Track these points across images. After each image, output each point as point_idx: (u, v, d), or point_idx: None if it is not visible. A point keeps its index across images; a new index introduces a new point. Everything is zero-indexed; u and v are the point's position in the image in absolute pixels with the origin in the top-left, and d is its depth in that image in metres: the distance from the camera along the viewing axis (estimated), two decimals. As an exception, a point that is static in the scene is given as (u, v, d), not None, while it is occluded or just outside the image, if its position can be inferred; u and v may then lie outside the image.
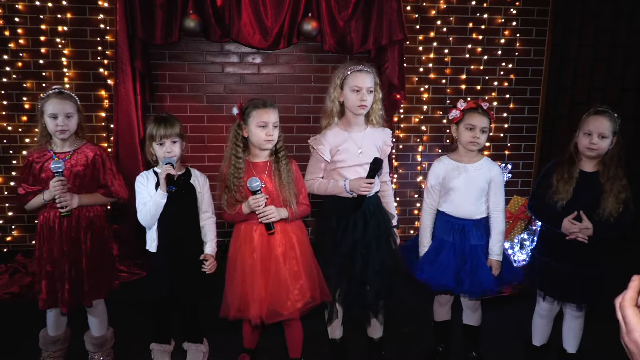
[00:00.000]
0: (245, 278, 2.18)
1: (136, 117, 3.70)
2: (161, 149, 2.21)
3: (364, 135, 2.34)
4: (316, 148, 2.35)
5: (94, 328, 2.49)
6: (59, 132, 2.23)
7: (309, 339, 2.72)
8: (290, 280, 2.17)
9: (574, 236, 2.21)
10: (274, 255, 2.18)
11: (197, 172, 2.36)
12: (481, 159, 2.39)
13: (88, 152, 2.33)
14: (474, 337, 2.57)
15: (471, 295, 2.41)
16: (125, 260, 3.74)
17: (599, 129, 2.20)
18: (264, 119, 2.15)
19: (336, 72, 2.34)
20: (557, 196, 2.26)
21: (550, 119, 4.42)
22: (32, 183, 2.27)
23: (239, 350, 2.54)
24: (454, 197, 2.36)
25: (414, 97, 4.24)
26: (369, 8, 3.84)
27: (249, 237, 2.21)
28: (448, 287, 2.34)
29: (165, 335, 2.45)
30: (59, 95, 2.25)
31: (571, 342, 2.46)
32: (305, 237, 2.31)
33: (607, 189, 2.19)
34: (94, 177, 2.34)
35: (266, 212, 2.11)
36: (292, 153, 4.15)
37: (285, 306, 2.15)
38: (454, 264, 2.32)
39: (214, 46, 4.00)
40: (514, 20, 4.21)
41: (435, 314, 2.62)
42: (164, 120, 2.22)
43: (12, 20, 3.75)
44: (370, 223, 2.32)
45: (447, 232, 2.38)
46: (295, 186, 2.25)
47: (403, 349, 2.73)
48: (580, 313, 2.39)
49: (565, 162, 2.31)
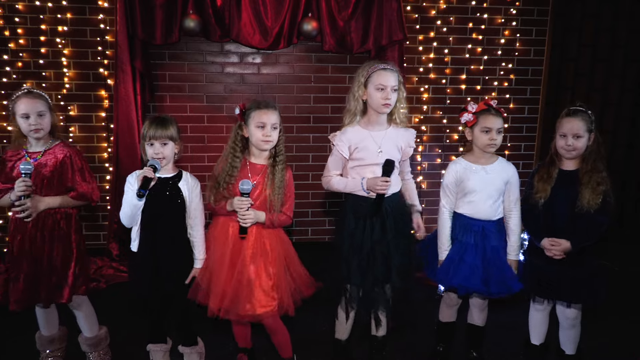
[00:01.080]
0: (213, 267, 2.23)
1: (136, 117, 3.70)
2: (150, 149, 2.18)
3: (385, 134, 2.33)
4: (335, 144, 2.33)
5: (84, 329, 2.48)
6: (32, 131, 2.20)
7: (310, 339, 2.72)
8: (255, 284, 2.18)
9: (550, 254, 2.29)
10: (242, 254, 2.20)
11: (190, 175, 2.31)
12: (496, 159, 2.39)
13: (58, 154, 2.27)
14: (477, 337, 2.57)
15: (500, 295, 2.37)
16: (125, 260, 3.74)
17: (573, 130, 2.24)
18: (262, 120, 2.16)
19: (360, 70, 2.32)
20: (536, 195, 2.33)
21: (550, 119, 4.42)
22: (4, 181, 2.24)
23: (236, 350, 2.54)
24: (473, 198, 2.35)
25: (414, 97, 4.23)
26: (369, 8, 3.84)
27: (225, 230, 2.25)
28: (477, 291, 2.32)
29: (159, 335, 2.44)
30: (29, 94, 2.22)
31: (569, 346, 2.47)
32: (279, 244, 2.30)
33: (585, 182, 2.24)
34: (61, 179, 2.28)
35: (245, 216, 2.13)
36: (292, 153, 4.16)
37: (244, 307, 2.16)
38: (481, 267, 2.31)
39: (214, 46, 4.00)
40: (514, 20, 4.21)
41: (441, 314, 2.62)
42: (158, 121, 2.19)
43: (12, 20, 3.75)
44: (388, 223, 2.30)
45: (467, 235, 2.36)
46: (284, 194, 2.25)
47: (404, 349, 2.73)
48: (575, 322, 2.40)
49: (546, 163, 2.38)
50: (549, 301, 2.44)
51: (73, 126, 3.94)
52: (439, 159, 4.37)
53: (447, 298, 2.56)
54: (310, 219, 4.32)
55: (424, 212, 4.41)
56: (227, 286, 2.18)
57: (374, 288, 2.32)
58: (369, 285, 2.32)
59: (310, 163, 4.16)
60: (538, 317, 2.51)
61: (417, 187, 4.34)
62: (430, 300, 2.64)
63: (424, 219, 4.40)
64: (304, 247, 3.65)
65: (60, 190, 2.28)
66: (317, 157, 4.14)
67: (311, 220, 4.32)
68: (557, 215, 2.29)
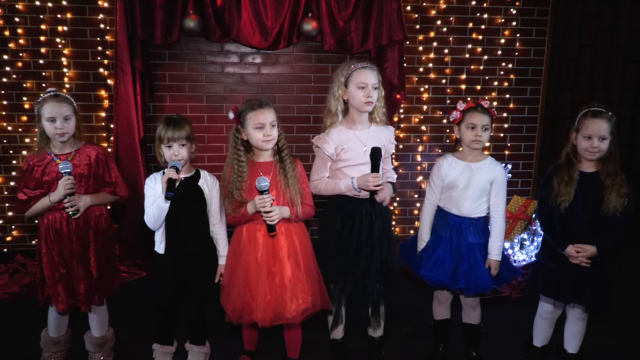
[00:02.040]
0: (249, 280, 2.15)
1: (136, 117, 3.70)
2: (169, 151, 2.19)
3: (368, 133, 2.34)
4: (321, 146, 2.33)
5: (95, 328, 2.49)
6: (58, 135, 2.21)
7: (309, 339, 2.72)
8: (293, 283, 2.15)
9: (577, 261, 2.24)
10: (278, 257, 2.16)
11: (207, 174, 2.33)
12: (485, 158, 2.41)
13: (90, 152, 2.32)
14: (474, 336, 2.57)
15: (467, 293, 2.42)
16: (125, 260, 3.74)
17: (599, 132, 2.19)
18: (260, 120, 2.14)
19: (339, 70, 2.33)
20: (559, 198, 2.26)
21: (550, 119, 4.42)
22: (34, 188, 2.24)
23: (239, 351, 2.54)
24: (455, 194, 2.37)
25: (414, 97, 4.24)
26: (369, 8, 3.84)
27: (253, 239, 2.18)
28: (443, 283, 2.36)
29: (168, 337, 2.44)
30: (56, 98, 2.23)
31: (573, 343, 2.46)
32: (307, 240, 2.28)
33: (609, 185, 2.20)
34: (97, 177, 2.33)
35: (271, 213, 2.09)
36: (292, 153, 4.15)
37: (289, 309, 2.12)
38: (450, 261, 2.34)
39: (214, 46, 4.00)
40: (514, 20, 4.21)
41: (435, 312, 2.62)
42: (173, 122, 2.19)
43: (12, 20, 3.75)
44: (376, 224, 2.31)
45: (444, 229, 2.40)
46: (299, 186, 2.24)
47: (403, 348, 2.73)
48: (584, 315, 2.39)
49: (564, 164, 2.31)
50: (567, 305, 2.41)
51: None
52: (438, 159, 4.37)
53: (438, 294, 2.58)
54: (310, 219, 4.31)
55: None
56: (270, 294, 2.12)
57: (356, 287, 2.33)
58: (352, 284, 2.33)
59: (310, 163, 4.11)
60: (543, 324, 2.50)
61: (417, 187, 4.37)
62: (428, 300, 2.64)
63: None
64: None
65: (97, 188, 2.33)
66: (317, 157, 4.13)
67: (311, 220, 4.31)
68: (576, 218, 2.25)
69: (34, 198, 2.24)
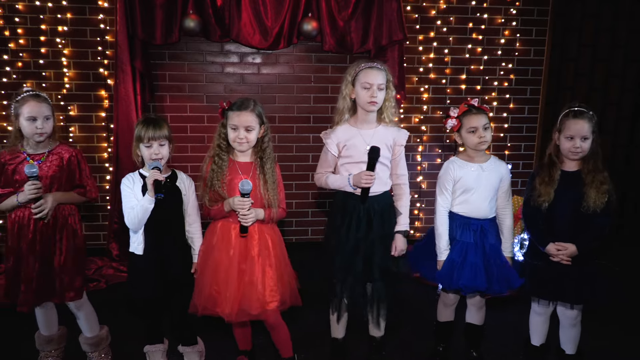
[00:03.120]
0: (218, 275, 2.18)
1: (136, 117, 3.70)
2: (148, 151, 2.18)
3: (374, 132, 2.34)
4: (324, 142, 2.38)
5: (85, 329, 2.48)
6: (37, 134, 2.20)
7: (310, 339, 2.72)
8: (261, 281, 2.18)
9: (557, 259, 2.27)
10: (250, 255, 2.19)
11: (184, 174, 2.35)
12: (490, 157, 2.41)
13: (63, 153, 2.30)
14: (475, 336, 2.57)
15: (500, 293, 2.38)
16: (125, 260, 3.74)
17: (581, 133, 2.20)
18: (234, 122, 2.16)
19: (348, 69, 2.34)
20: (540, 199, 2.29)
21: (550, 119, 4.42)
22: (4, 185, 2.24)
23: (235, 352, 2.53)
24: (471, 197, 2.35)
25: (414, 97, 4.24)
26: (369, 8, 3.84)
27: (227, 235, 2.21)
28: (482, 289, 2.32)
29: (157, 336, 2.44)
30: (37, 97, 2.22)
31: (569, 346, 2.46)
32: (278, 240, 2.31)
33: (589, 182, 2.22)
34: (69, 178, 2.32)
35: (247, 216, 2.12)
36: (292, 153, 4.16)
37: (253, 306, 2.15)
38: (481, 265, 2.31)
39: (214, 46, 4.00)
40: (514, 20, 4.21)
41: (439, 314, 2.61)
42: (152, 122, 2.19)
43: (12, 20, 3.75)
44: (374, 222, 2.31)
45: (467, 234, 2.36)
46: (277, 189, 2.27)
47: (403, 348, 2.73)
48: (576, 321, 2.39)
49: (546, 165, 2.34)
50: (551, 303, 2.43)
51: (73, 126, 3.94)
52: (439, 159, 4.37)
53: (445, 298, 2.56)
54: (310, 219, 4.32)
55: (424, 211, 4.42)
56: (237, 290, 2.16)
57: (356, 286, 2.34)
58: (351, 282, 2.34)
59: (310, 163, 4.15)
60: (538, 320, 2.50)
61: (417, 186, 4.36)
62: (429, 300, 2.64)
63: (423, 219, 4.43)
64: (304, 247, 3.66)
65: (67, 188, 2.32)
66: (317, 157, 4.06)
67: (311, 220, 4.32)
68: (559, 217, 2.27)
69: (3, 195, 2.23)
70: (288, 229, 4.27)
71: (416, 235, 4.42)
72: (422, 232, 4.38)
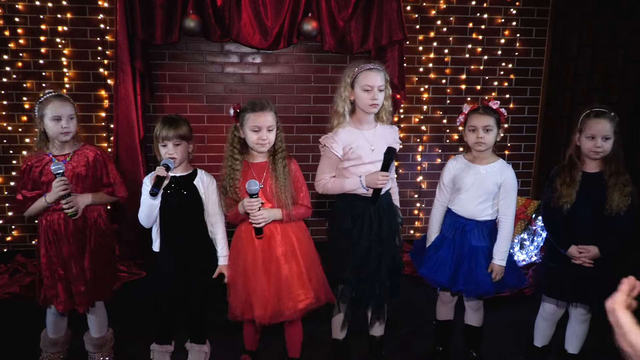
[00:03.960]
0: (248, 279, 2.19)
1: (136, 117, 3.70)
2: (163, 150, 2.21)
3: (375, 132, 2.34)
4: (329, 146, 2.31)
5: (94, 329, 2.49)
6: (62, 134, 2.21)
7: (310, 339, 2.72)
8: (292, 280, 2.17)
9: (579, 262, 2.24)
10: (274, 256, 2.18)
11: (204, 173, 2.33)
12: (496, 160, 2.37)
13: (89, 153, 2.32)
14: (474, 338, 2.57)
15: (466, 295, 2.42)
16: (125, 260, 3.74)
17: (602, 132, 2.19)
18: (257, 123, 2.15)
19: (346, 71, 2.31)
20: (561, 200, 2.26)
21: (550, 119, 4.43)
22: (32, 188, 2.25)
23: (240, 351, 2.54)
24: (462, 196, 2.37)
25: (414, 97, 4.24)
26: (369, 8, 3.84)
27: (250, 237, 2.21)
28: (442, 284, 2.38)
29: (167, 336, 2.45)
30: (60, 97, 2.25)
31: (574, 344, 2.45)
32: (305, 237, 2.30)
33: (612, 184, 2.20)
34: (95, 177, 2.33)
35: (257, 217, 2.11)
36: (292, 153, 4.15)
37: (287, 306, 2.15)
38: (451, 262, 2.35)
39: (214, 46, 4.00)
40: (514, 20, 4.21)
41: (438, 312, 2.62)
42: (170, 122, 2.21)
43: (12, 20, 3.75)
44: (384, 221, 2.32)
45: (449, 230, 2.41)
46: (293, 186, 2.25)
47: (403, 348, 2.73)
48: (586, 317, 2.39)
49: (567, 166, 2.31)
50: (570, 305, 2.41)
51: (73, 126, 3.95)
52: (439, 159, 4.37)
53: (442, 295, 2.58)
54: (310, 219, 4.32)
55: (424, 211, 4.42)
56: (267, 291, 2.15)
57: (365, 286, 2.34)
58: (362, 283, 2.33)
59: (310, 163, 4.15)
60: (544, 325, 2.50)
61: (417, 187, 4.37)
62: (429, 300, 2.64)
63: (423, 219, 4.43)
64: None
65: (95, 188, 2.33)
66: (317, 157, 4.04)
67: (311, 220, 4.32)
68: (580, 219, 2.25)
69: (31, 199, 2.24)
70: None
71: (416, 235, 4.42)
72: (422, 232, 4.38)
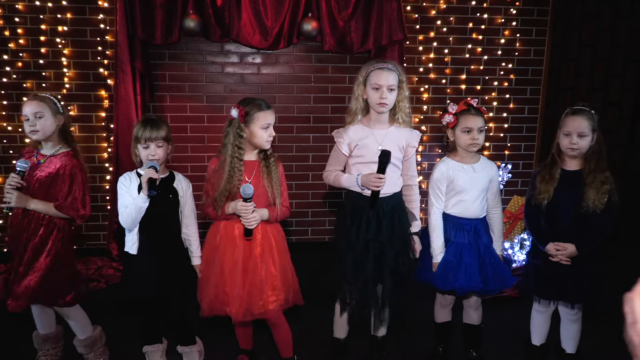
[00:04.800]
0: (224, 275, 2.18)
1: (136, 117, 3.70)
2: (145, 151, 2.18)
3: (386, 133, 2.34)
4: (336, 141, 2.37)
5: (76, 332, 2.47)
6: (30, 132, 2.23)
7: (310, 338, 2.72)
8: (265, 281, 2.18)
9: (557, 259, 2.28)
10: (253, 255, 2.19)
11: (181, 176, 2.35)
12: (480, 158, 2.43)
13: (57, 162, 2.26)
14: (474, 337, 2.57)
15: (494, 292, 2.42)
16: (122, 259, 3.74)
17: (578, 129, 2.22)
18: (268, 121, 2.18)
19: (360, 70, 2.35)
20: (539, 197, 2.30)
21: (550, 119, 4.42)
22: None
23: (236, 351, 2.54)
24: (464, 198, 2.36)
25: (414, 97, 4.23)
26: (369, 8, 3.84)
27: (231, 235, 2.20)
28: (476, 289, 2.33)
29: (154, 336, 2.45)
30: (33, 97, 2.26)
31: (570, 344, 2.47)
32: (282, 239, 2.31)
33: (589, 182, 2.22)
34: (50, 188, 2.26)
35: (250, 219, 2.12)
36: (292, 153, 4.16)
37: (257, 305, 2.16)
38: (476, 265, 2.32)
39: (214, 46, 4.00)
40: (514, 20, 4.21)
41: (437, 315, 2.62)
42: (151, 123, 2.19)
43: (12, 20, 3.75)
44: (384, 223, 2.29)
45: (461, 235, 2.36)
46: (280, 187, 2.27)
47: (403, 348, 2.74)
48: (577, 316, 2.40)
49: (548, 163, 2.35)
50: (553, 302, 2.44)
51: (73, 126, 3.94)
52: (438, 159, 4.37)
53: (442, 299, 2.56)
54: (310, 219, 4.32)
55: (424, 211, 4.41)
56: (243, 290, 2.17)
57: (366, 286, 2.33)
58: (361, 283, 2.33)
59: (310, 163, 4.15)
60: (540, 318, 2.51)
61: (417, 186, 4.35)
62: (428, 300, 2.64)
63: (423, 219, 4.42)
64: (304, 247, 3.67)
65: (48, 198, 2.26)
66: (317, 157, 4.13)
67: (311, 220, 4.32)
68: (560, 216, 2.28)
69: None
70: (288, 229, 4.27)
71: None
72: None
